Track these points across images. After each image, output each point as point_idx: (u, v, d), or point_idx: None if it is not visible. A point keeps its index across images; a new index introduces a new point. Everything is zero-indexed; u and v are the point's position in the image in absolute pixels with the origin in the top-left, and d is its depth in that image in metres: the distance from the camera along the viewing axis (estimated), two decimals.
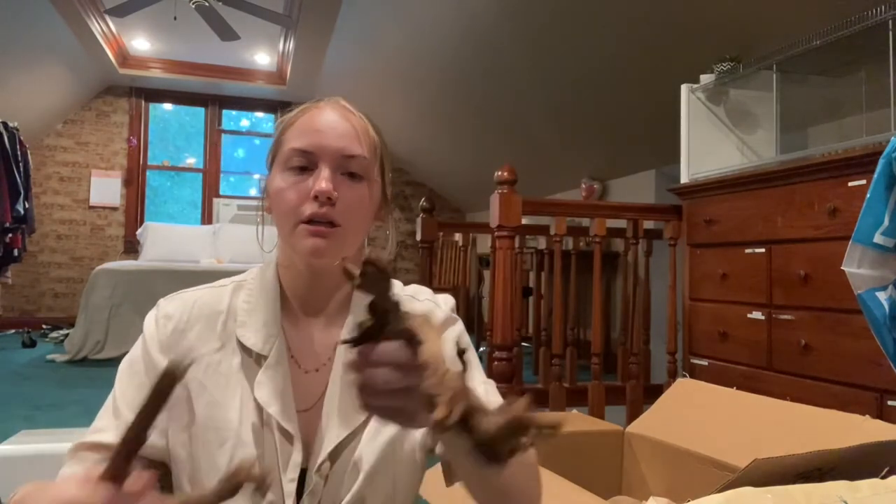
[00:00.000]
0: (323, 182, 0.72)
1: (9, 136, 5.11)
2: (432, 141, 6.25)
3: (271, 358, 0.75)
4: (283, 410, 0.74)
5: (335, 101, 0.80)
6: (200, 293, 0.80)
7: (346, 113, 0.78)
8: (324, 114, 0.77)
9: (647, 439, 1.51)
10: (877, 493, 0.68)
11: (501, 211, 2.40)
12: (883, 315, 1.44)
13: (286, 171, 0.75)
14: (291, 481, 0.73)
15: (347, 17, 4.63)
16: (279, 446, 0.73)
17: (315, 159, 0.74)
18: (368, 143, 0.77)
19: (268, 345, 0.76)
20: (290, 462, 0.73)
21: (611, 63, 3.60)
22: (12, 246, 5.26)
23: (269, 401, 0.74)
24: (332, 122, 0.76)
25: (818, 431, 1.20)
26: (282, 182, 0.75)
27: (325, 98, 0.81)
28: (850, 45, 2.04)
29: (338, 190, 0.73)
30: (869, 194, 1.46)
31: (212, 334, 0.77)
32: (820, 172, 1.96)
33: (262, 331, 0.77)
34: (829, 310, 1.91)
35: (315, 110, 0.78)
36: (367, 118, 0.80)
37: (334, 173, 0.74)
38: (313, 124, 0.76)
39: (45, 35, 4.86)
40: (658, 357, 2.92)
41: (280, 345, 0.76)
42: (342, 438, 0.74)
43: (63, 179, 6.53)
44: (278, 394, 0.74)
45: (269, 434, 0.73)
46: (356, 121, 0.78)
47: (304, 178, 0.74)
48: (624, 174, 4.68)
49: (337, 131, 0.75)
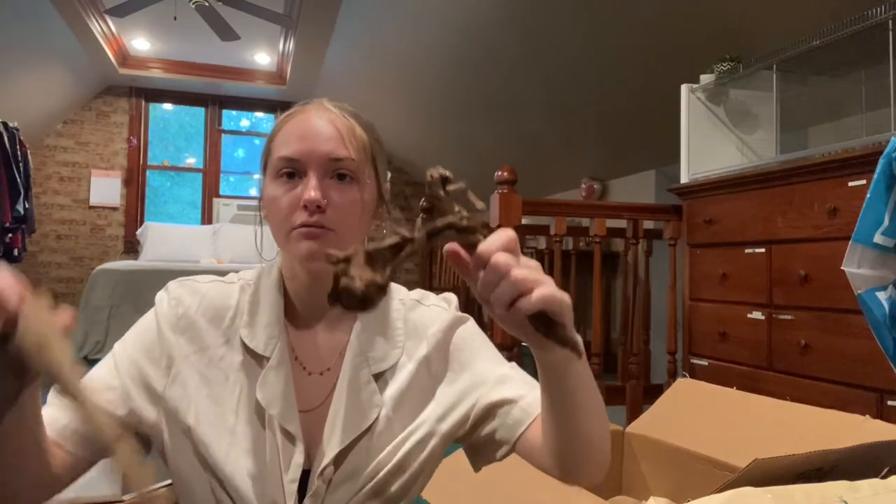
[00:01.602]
0: (311, 191, 0.71)
1: (9, 136, 5.11)
2: (432, 141, 6.25)
3: (273, 359, 0.75)
4: (284, 411, 0.74)
5: (319, 104, 0.79)
6: (209, 287, 0.80)
7: (331, 115, 0.77)
8: (308, 118, 0.76)
9: (647, 439, 1.51)
10: (877, 493, 0.68)
11: (501, 211, 2.40)
12: (883, 315, 1.44)
13: (276, 180, 0.75)
14: (293, 482, 0.72)
15: (347, 17, 4.63)
16: (280, 446, 0.73)
17: (302, 166, 0.74)
18: (356, 143, 0.76)
19: (269, 346, 0.76)
20: (292, 463, 0.73)
21: (611, 63, 3.60)
22: (12, 246, 5.26)
23: (271, 402, 0.74)
24: (316, 127, 0.75)
25: (818, 431, 1.20)
26: (273, 190, 0.75)
27: (311, 101, 0.80)
28: (850, 45, 2.04)
29: (327, 195, 0.73)
30: (869, 194, 1.46)
31: (217, 330, 0.77)
32: (820, 172, 1.96)
33: (264, 332, 0.76)
34: (829, 310, 1.91)
35: (300, 115, 0.77)
36: (353, 117, 0.79)
37: (322, 179, 0.73)
38: (298, 130, 0.75)
39: (45, 35, 4.86)
40: (658, 357, 2.92)
41: (282, 346, 0.76)
42: (347, 443, 0.74)
43: (63, 179, 6.53)
44: (280, 395, 0.74)
45: (271, 434, 0.73)
46: (341, 122, 0.77)
47: (294, 185, 0.74)
48: (624, 174, 4.68)
49: (322, 136, 0.74)
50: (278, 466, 0.73)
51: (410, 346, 0.80)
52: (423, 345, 0.80)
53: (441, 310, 0.84)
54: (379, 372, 0.78)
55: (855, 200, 1.77)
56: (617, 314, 4.01)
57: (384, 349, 0.79)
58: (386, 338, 0.79)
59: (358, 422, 0.75)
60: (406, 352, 0.80)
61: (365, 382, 0.76)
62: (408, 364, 0.79)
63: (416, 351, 0.80)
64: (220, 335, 0.77)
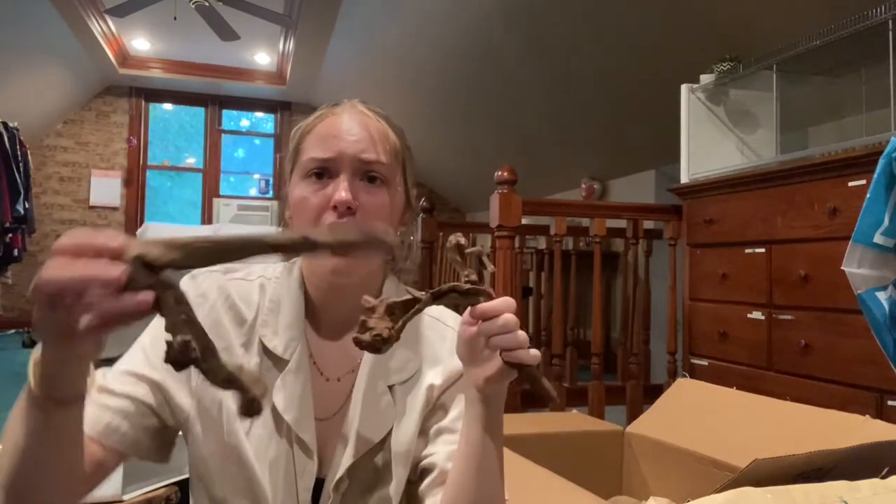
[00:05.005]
0: (342, 192, 0.70)
1: (9, 136, 5.11)
2: (432, 141, 6.25)
3: (292, 363, 0.74)
4: (299, 418, 0.72)
5: (352, 105, 0.78)
6: (233, 284, 0.78)
7: (364, 118, 0.76)
8: (341, 119, 0.75)
9: (647, 439, 1.51)
10: (877, 493, 0.68)
11: (501, 211, 2.40)
12: (883, 315, 1.44)
13: (305, 180, 0.73)
14: (306, 490, 0.72)
15: (347, 17, 4.63)
16: (295, 454, 0.72)
17: (334, 167, 0.72)
18: (388, 147, 0.75)
19: (289, 350, 0.74)
20: (305, 472, 0.72)
21: (611, 63, 3.60)
22: (12, 246, 5.26)
23: (287, 407, 0.72)
24: (349, 128, 0.74)
25: (818, 431, 1.20)
26: (302, 191, 0.73)
27: (343, 101, 0.78)
28: (850, 45, 2.04)
29: (358, 197, 0.71)
30: (869, 194, 1.45)
31: (239, 330, 0.76)
32: (820, 172, 1.95)
33: (284, 334, 0.75)
34: (829, 310, 1.91)
35: (332, 117, 0.76)
36: (386, 121, 0.78)
37: (353, 180, 0.72)
38: (331, 130, 0.74)
39: (45, 35, 4.86)
40: (658, 357, 2.92)
41: (302, 350, 0.75)
42: (362, 454, 0.73)
43: (63, 179, 6.53)
44: (296, 401, 0.73)
45: (286, 440, 0.72)
46: (374, 125, 0.76)
47: (324, 186, 0.72)
48: (624, 174, 4.68)
49: (355, 137, 0.73)
50: (293, 473, 0.72)
51: (426, 363, 0.79)
52: (437, 372, 0.78)
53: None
54: (395, 383, 0.76)
55: (855, 200, 1.77)
56: (617, 314, 4.01)
57: (401, 360, 0.77)
58: (403, 349, 0.78)
59: (373, 433, 0.74)
60: (422, 367, 0.78)
61: (381, 393, 0.75)
62: (423, 381, 0.77)
63: (429, 371, 0.78)
64: (241, 336, 0.75)
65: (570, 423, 1.70)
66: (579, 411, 2.12)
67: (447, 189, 7.28)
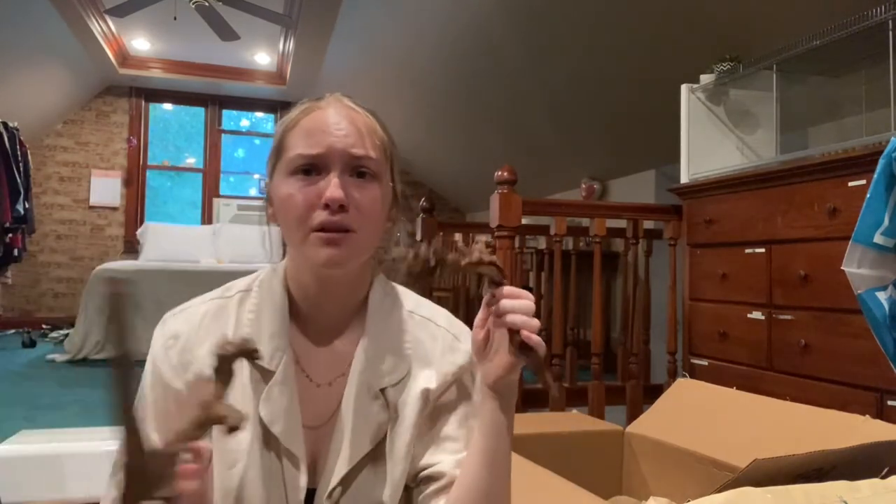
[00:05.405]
0: (334, 189, 0.68)
1: (9, 136, 5.11)
2: (432, 141, 6.25)
3: (278, 374, 0.71)
4: (287, 430, 0.71)
5: (337, 99, 0.75)
6: (207, 307, 0.76)
7: (351, 112, 0.73)
8: (327, 114, 0.72)
9: (647, 439, 1.51)
10: (877, 493, 0.68)
11: (501, 211, 2.40)
12: (883, 315, 1.44)
13: (292, 177, 0.70)
14: (298, 502, 0.71)
15: (347, 17, 4.63)
16: (284, 466, 0.70)
17: (323, 163, 0.70)
18: (377, 142, 0.73)
19: (275, 359, 0.72)
20: (296, 484, 0.71)
21: (611, 63, 3.60)
22: (12, 246, 5.26)
23: (274, 419, 0.70)
24: (337, 122, 0.71)
25: (818, 431, 1.20)
26: (288, 188, 0.70)
27: (326, 95, 0.76)
28: (850, 45, 2.04)
29: (348, 194, 0.69)
30: (869, 194, 1.46)
31: None
32: (820, 172, 1.95)
33: (269, 344, 0.72)
34: (829, 310, 1.90)
35: (318, 111, 0.73)
36: (372, 115, 0.76)
37: (343, 176, 0.70)
38: (318, 125, 0.71)
39: (45, 35, 4.86)
40: (658, 357, 2.92)
41: (288, 359, 0.72)
42: (355, 463, 0.71)
43: (63, 179, 6.53)
44: (283, 412, 0.71)
45: (275, 453, 0.71)
46: (362, 119, 0.73)
47: (312, 182, 0.70)
48: (624, 174, 4.68)
49: (343, 131, 0.70)
50: (282, 485, 0.70)
51: (417, 363, 0.77)
52: (430, 374, 0.76)
53: (452, 339, 0.80)
54: (387, 385, 0.74)
55: (855, 200, 1.77)
56: (617, 314, 4.01)
57: (392, 362, 0.75)
58: (393, 351, 0.76)
59: (366, 440, 0.72)
60: (412, 369, 0.76)
61: (373, 397, 0.73)
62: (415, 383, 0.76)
63: (420, 374, 0.76)
64: None
65: (570, 423, 1.69)
66: (579, 411, 2.12)
67: (447, 189, 7.28)
